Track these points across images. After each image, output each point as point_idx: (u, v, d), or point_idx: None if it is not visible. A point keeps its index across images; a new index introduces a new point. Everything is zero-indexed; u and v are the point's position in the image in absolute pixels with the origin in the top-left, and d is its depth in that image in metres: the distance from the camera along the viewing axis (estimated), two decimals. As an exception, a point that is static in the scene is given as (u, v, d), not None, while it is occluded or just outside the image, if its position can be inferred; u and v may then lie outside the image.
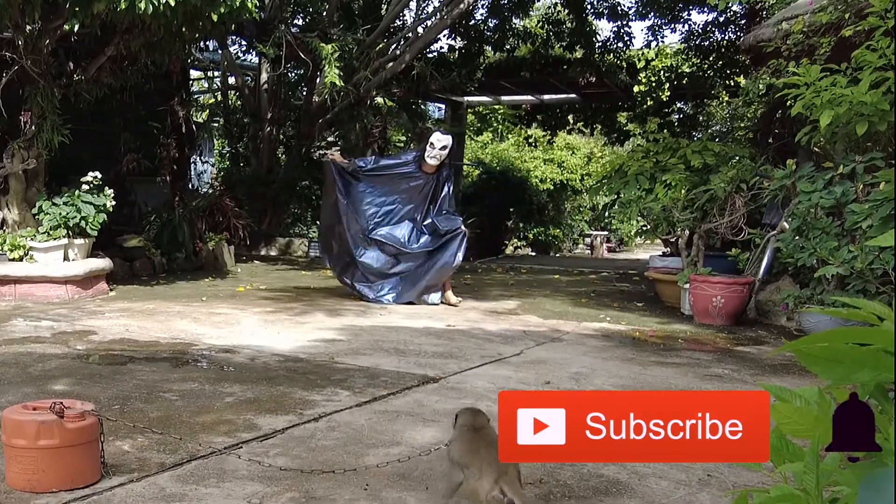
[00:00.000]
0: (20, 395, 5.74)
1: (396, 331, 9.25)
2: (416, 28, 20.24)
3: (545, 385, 6.72)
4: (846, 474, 1.58)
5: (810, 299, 9.31)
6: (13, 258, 10.99)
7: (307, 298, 11.71)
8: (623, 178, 12.87)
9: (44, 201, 11.19)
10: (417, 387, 6.54)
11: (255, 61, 21.13)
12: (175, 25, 10.90)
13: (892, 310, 1.59)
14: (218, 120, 21.93)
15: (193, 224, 15.42)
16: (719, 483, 4.44)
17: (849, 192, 9.10)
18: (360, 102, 19.30)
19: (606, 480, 4.45)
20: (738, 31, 21.40)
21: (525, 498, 3.65)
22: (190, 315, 9.85)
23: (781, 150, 12.70)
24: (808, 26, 10.28)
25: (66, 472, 4.06)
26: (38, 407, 4.15)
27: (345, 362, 7.41)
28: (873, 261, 8.46)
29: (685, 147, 12.59)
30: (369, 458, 4.69)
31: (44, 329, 8.72)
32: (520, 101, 26.86)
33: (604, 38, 23.44)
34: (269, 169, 20.07)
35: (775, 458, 1.76)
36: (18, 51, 10.79)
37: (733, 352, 8.68)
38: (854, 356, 1.47)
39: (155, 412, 5.54)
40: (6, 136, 11.62)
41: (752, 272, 10.93)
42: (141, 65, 12.25)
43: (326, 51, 16.36)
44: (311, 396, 6.07)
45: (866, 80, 8.50)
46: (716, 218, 11.22)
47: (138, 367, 6.95)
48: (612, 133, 27.49)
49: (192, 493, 4.08)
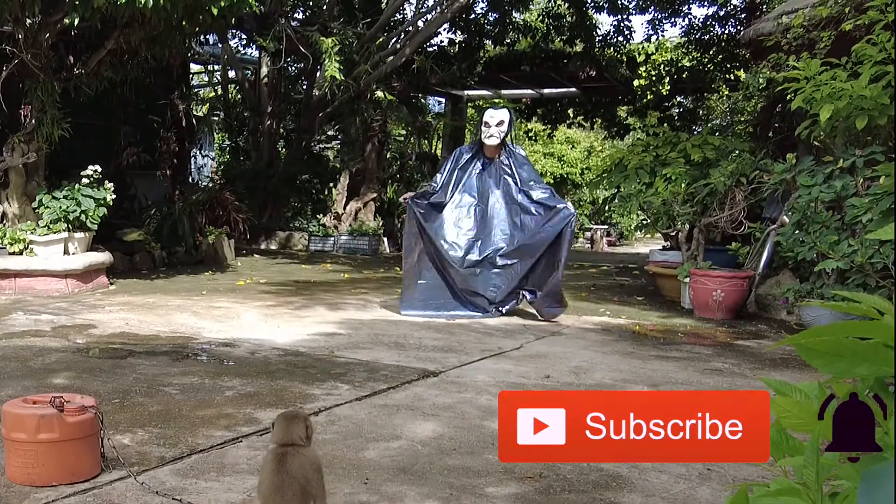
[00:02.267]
0: (20, 389, 5.74)
1: (396, 325, 9.25)
2: (417, 22, 20.23)
3: (545, 379, 6.72)
4: (846, 468, 1.58)
5: (810, 293, 9.31)
6: (13, 252, 10.99)
7: (307, 292, 11.71)
8: (623, 171, 12.86)
9: (44, 195, 11.19)
10: (417, 381, 6.55)
11: (255, 55, 21.16)
12: (175, 19, 10.89)
13: (892, 304, 1.59)
14: (218, 114, 21.94)
15: (193, 218, 15.42)
16: (719, 477, 4.45)
17: (849, 186, 9.09)
18: (361, 96, 19.30)
19: (606, 474, 4.45)
20: (739, 25, 21.40)
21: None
22: (190, 309, 9.85)
23: (781, 144, 12.70)
24: (808, 20, 10.27)
25: (66, 466, 4.06)
26: (38, 401, 4.15)
27: (345, 356, 7.41)
28: (873, 255, 8.45)
29: (685, 141, 12.59)
30: (369, 451, 4.69)
31: (44, 323, 8.72)
32: (520, 94, 26.83)
33: (604, 32, 23.47)
34: (269, 163, 20.07)
35: (775, 452, 1.76)
36: (19, 44, 10.78)
37: (733, 346, 8.68)
38: (854, 350, 1.47)
39: (155, 406, 5.54)
40: (6, 130, 11.62)
41: (752, 266, 10.93)
42: (141, 59, 12.23)
43: (326, 44, 16.35)
44: (311, 390, 6.07)
45: (866, 74, 8.49)
46: (716, 212, 11.21)
47: (138, 361, 6.95)
48: (612, 127, 27.49)
49: (192, 487, 4.08)
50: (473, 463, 4.56)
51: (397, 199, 21.66)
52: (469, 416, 5.53)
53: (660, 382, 6.76)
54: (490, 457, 4.67)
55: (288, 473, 3.26)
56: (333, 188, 21.50)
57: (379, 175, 20.69)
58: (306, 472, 3.29)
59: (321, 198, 22.05)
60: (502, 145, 10.29)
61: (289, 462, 3.29)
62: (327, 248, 19.53)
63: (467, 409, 5.71)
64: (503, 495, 4.10)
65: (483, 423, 5.36)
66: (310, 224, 20.48)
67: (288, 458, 3.30)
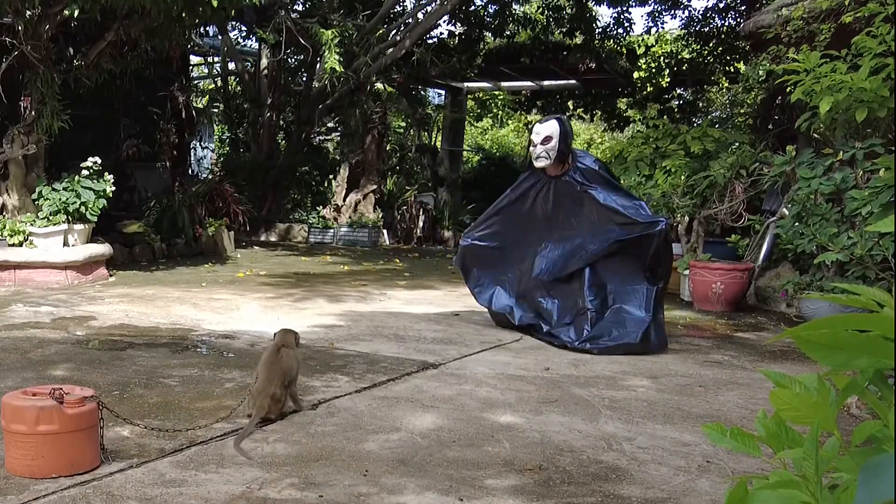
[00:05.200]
0: (20, 381, 5.74)
1: (396, 317, 9.25)
2: (416, 14, 20.21)
3: (545, 371, 6.73)
4: (845, 460, 1.58)
5: (810, 286, 9.31)
6: (13, 244, 10.98)
7: (307, 284, 11.71)
8: (623, 164, 12.88)
9: (44, 187, 11.18)
10: (417, 373, 6.55)
11: (255, 47, 21.13)
12: (175, 11, 10.88)
13: (891, 296, 1.59)
14: (218, 105, 21.94)
15: (193, 210, 15.42)
16: (718, 469, 4.45)
17: (848, 179, 9.09)
18: (360, 88, 19.28)
19: (606, 467, 4.46)
20: (738, 17, 21.37)
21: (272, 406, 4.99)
22: (189, 301, 9.85)
23: (781, 136, 12.70)
24: (808, 12, 10.26)
25: (66, 458, 4.06)
26: (37, 392, 4.16)
27: (344, 348, 7.42)
28: (873, 247, 8.46)
29: (685, 133, 12.60)
30: (369, 443, 4.70)
31: (43, 314, 8.72)
32: (520, 86, 26.82)
33: (604, 24, 23.45)
34: (268, 154, 20.07)
35: (774, 444, 1.76)
36: (18, 36, 10.77)
37: (733, 338, 8.69)
38: (854, 343, 1.47)
39: (154, 398, 5.55)
40: (6, 122, 11.60)
41: (751, 258, 10.94)
42: (141, 50, 12.22)
43: (326, 36, 16.33)
44: (311, 382, 6.07)
45: (866, 66, 8.48)
46: (715, 204, 11.22)
47: (138, 353, 6.95)
48: (611, 119, 27.47)
49: (192, 479, 4.08)
50: (473, 455, 4.56)
51: (396, 190, 21.68)
52: (469, 408, 5.53)
53: (659, 375, 6.76)
54: (489, 448, 4.67)
55: (280, 359, 5.14)
56: (333, 180, 21.49)
57: (379, 167, 20.67)
58: (291, 363, 5.18)
59: (321, 190, 22.04)
60: (563, 161, 8.33)
61: (281, 353, 5.19)
62: (327, 240, 19.54)
63: (467, 401, 5.72)
64: (503, 487, 4.10)
65: (482, 415, 5.36)
66: (309, 216, 20.48)
67: (282, 352, 5.21)
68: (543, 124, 8.35)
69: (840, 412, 2.95)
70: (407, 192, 21.43)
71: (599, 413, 5.51)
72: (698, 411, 5.67)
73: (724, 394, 6.22)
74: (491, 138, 31.00)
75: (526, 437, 4.91)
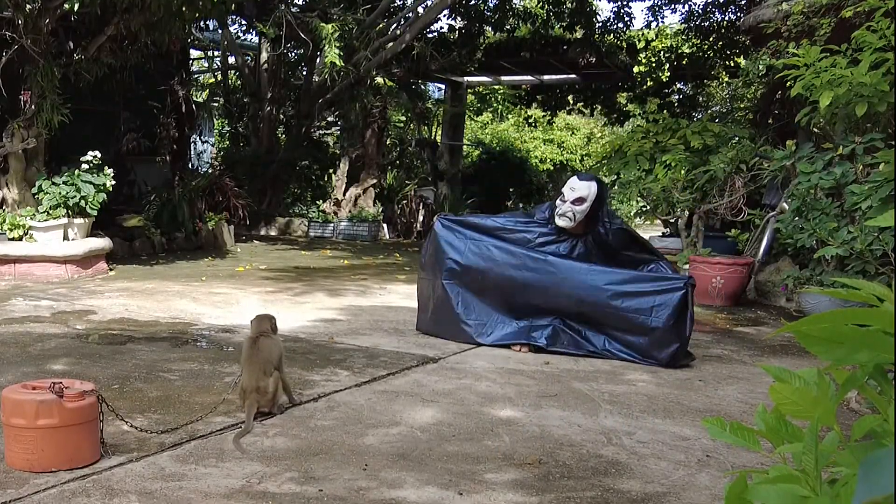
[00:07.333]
0: (19, 375, 5.75)
1: (396, 311, 9.25)
2: (416, 8, 20.19)
3: (544, 366, 6.73)
4: (845, 455, 1.58)
5: (810, 280, 9.31)
6: (13, 238, 10.98)
7: (307, 278, 11.71)
8: (623, 158, 12.86)
9: (43, 181, 11.18)
10: (417, 367, 6.55)
11: (255, 41, 21.11)
12: (175, 5, 10.87)
13: (891, 290, 1.59)
14: (218, 100, 21.94)
15: (193, 204, 15.42)
16: (718, 464, 4.45)
17: (848, 173, 9.09)
18: (360, 82, 19.26)
19: (605, 461, 4.46)
20: (739, 11, 21.35)
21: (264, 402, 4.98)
22: (189, 295, 9.85)
23: (781, 130, 12.70)
24: (808, 7, 10.26)
25: (66, 452, 4.06)
26: (37, 386, 4.15)
27: (344, 342, 7.42)
28: (873, 242, 8.45)
29: (685, 128, 12.58)
30: (368, 437, 4.70)
31: (43, 308, 8.72)
32: (520, 81, 26.81)
33: (604, 19, 23.43)
34: (268, 149, 20.06)
35: (774, 438, 1.76)
36: (18, 30, 10.75)
37: (733, 332, 8.69)
38: (854, 337, 1.47)
39: (154, 392, 5.55)
40: (6, 116, 11.60)
41: (751, 253, 10.94)
42: (141, 44, 12.20)
43: (326, 30, 16.31)
44: (311, 376, 6.07)
45: (866, 61, 8.48)
46: (715, 199, 11.22)
47: (138, 347, 6.96)
48: (611, 114, 27.44)
49: (192, 473, 4.08)
50: (473, 449, 4.56)
51: (396, 185, 21.67)
52: (468, 402, 5.53)
53: (659, 369, 6.76)
54: (489, 443, 4.67)
55: (258, 349, 5.06)
56: (333, 174, 21.50)
57: (379, 161, 20.68)
58: (271, 351, 5.09)
59: (321, 184, 22.05)
60: (589, 224, 7.52)
61: (259, 343, 5.10)
62: (327, 235, 19.54)
63: (467, 395, 5.72)
64: (503, 481, 4.11)
65: (482, 409, 5.36)
66: (309, 210, 20.49)
67: (259, 342, 5.11)
68: (581, 182, 7.44)
69: (840, 407, 2.95)
70: (407, 186, 21.45)
71: (599, 407, 5.51)
72: (698, 406, 5.67)
73: (724, 388, 6.23)
74: (491, 133, 31.00)
75: (525, 432, 4.91)
